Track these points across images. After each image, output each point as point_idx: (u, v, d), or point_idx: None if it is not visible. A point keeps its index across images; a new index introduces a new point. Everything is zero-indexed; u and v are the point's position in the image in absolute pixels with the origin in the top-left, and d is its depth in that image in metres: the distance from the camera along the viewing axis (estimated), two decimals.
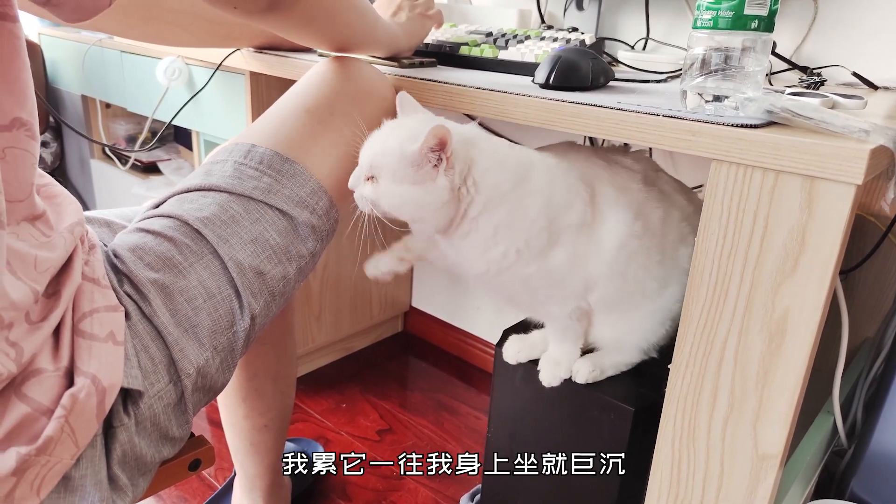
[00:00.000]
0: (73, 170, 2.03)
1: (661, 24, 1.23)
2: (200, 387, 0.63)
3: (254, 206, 0.68)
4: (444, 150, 0.65)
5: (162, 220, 0.65)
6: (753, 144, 0.56)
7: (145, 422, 0.57)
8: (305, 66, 0.96)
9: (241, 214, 0.67)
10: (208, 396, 0.65)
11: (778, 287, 0.59)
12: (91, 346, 0.53)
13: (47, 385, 0.50)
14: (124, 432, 0.55)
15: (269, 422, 0.99)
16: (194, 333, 0.61)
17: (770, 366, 0.61)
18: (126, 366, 0.55)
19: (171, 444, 0.62)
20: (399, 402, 1.52)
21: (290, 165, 0.71)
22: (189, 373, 0.60)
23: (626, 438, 0.81)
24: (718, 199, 0.60)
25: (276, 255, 0.68)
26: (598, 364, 0.84)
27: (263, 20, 0.68)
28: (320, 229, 0.72)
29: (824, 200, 0.54)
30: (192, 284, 0.62)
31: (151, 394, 0.58)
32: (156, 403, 0.58)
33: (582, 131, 0.68)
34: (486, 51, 0.94)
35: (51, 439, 0.48)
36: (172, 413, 0.60)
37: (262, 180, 0.69)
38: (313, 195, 0.71)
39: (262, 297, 0.67)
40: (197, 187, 0.68)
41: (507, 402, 0.95)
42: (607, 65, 0.81)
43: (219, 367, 0.64)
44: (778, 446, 0.63)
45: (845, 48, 1.06)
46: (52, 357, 0.51)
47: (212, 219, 0.65)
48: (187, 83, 1.31)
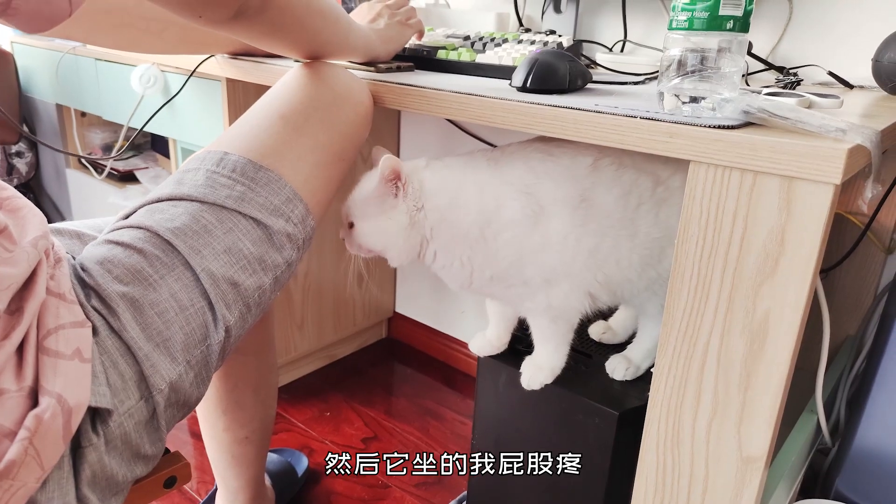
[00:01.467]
0: (48, 179, 1.99)
1: (639, 26, 1.23)
2: (174, 402, 0.61)
3: (227, 215, 0.66)
4: (398, 179, 0.73)
5: (131, 232, 0.63)
6: (730, 145, 0.56)
7: (115, 440, 0.56)
8: (281, 72, 0.95)
9: (214, 224, 0.65)
10: (183, 411, 0.64)
11: (758, 288, 0.59)
12: (56, 363, 0.51)
13: (10, 406, 0.48)
14: (93, 452, 0.54)
15: (251, 433, 0.97)
16: (166, 348, 0.60)
17: (753, 367, 0.61)
18: (94, 383, 0.53)
19: (144, 462, 0.60)
20: (384, 409, 1.51)
21: (264, 173, 0.69)
22: (161, 388, 0.59)
23: (612, 442, 0.80)
24: (697, 200, 0.60)
25: (251, 265, 0.66)
26: (630, 360, 0.86)
27: (230, 29, 0.67)
28: (296, 237, 0.71)
29: (803, 201, 0.54)
30: (163, 297, 0.60)
31: (121, 411, 0.56)
32: (126, 421, 0.56)
33: (560, 134, 0.68)
34: (464, 54, 0.93)
35: (13, 462, 0.46)
36: (144, 430, 0.58)
37: (235, 189, 0.67)
38: (288, 203, 0.70)
39: (237, 308, 0.65)
40: (168, 197, 0.66)
41: (491, 407, 0.94)
42: (585, 67, 0.80)
43: (193, 382, 0.62)
44: (763, 448, 0.62)
45: (821, 48, 1.06)
46: (14, 376, 0.49)
47: (183, 229, 0.63)
48: (163, 90, 1.29)
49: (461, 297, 1.66)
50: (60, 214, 1.99)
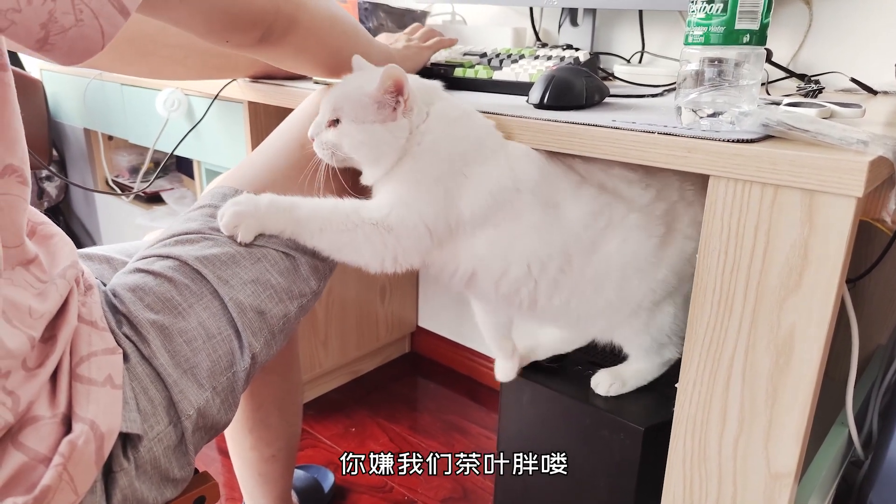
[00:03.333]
0: (77, 202, 2.04)
1: (657, 37, 1.23)
2: (201, 426, 0.62)
3: (255, 246, 0.68)
4: (401, 93, 0.67)
5: (162, 261, 0.65)
6: (750, 159, 0.56)
7: (146, 465, 0.57)
8: (301, 95, 0.97)
9: (242, 254, 0.67)
10: (210, 434, 0.65)
11: (783, 302, 0.58)
12: (89, 390, 0.52)
13: (45, 432, 0.49)
14: (124, 477, 0.55)
15: (277, 452, 0.98)
16: (193, 374, 0.61)
17: (779, 382, 0.60)
18: (124, 409, 0.55)
19: (173, 486, 0.61)
20: (409, 425, 1.51)
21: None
22: (189, 414, 0.60)
23: (638, 459, 0.79)
24: (718, 215, 0.59)
25: (277, 294, 0.68)
26: (618, 376, 0.84)
27: (256, 52, 0.69)
28: (322, 269, 0.73)
29: (825, 214, 0.54)
30: (192, 325, 0.62)
31: (151, 436, 0.57)
32: (156, 446, 0.58)
33: (578, 151, 0.68)
34: (481, 72, 0.94)
35: (49, 488, 0.47)
36: (173, 455, 0.59)
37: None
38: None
39: (263, 335, 0.67)
40: (197, 230, 0.69)
41: (514, 424, 0.94)
42: (601, 82, 0.80)
43: (220, 408, 0.64)
44: (791, 465, 0.61)
45: (842, 54, 1.05)
46: (49, 403, 0.50)
47: (212, 259, 0.65)
48: (187, 114, 1.31)
49: None
50: (89, 236, 2.03)
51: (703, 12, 0.60)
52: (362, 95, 0.68)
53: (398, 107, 0.67)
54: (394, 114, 0.68)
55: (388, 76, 0.66)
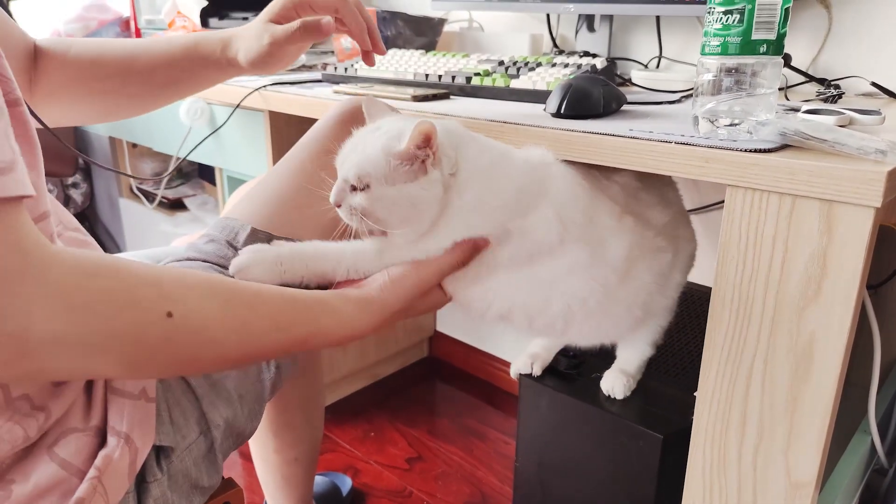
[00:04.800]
0: (103, 209, 2.08)
1: (674, 42, 1.22)
2: (229, 435, 0.64)
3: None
4: (430, 146, 0.62)
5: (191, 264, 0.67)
6: (768, 169, 0.56)
7: (177, 475, 0.58)
8: (320, 104, 0.98)
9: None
10: (238, 443, 0.66)
11: (802, 311, 0.58)
12: (124, 403, 0.53)
13: (80, 445, 0.50)
14: (157, 487, 0.56)
15: (300, 454, 1.00)
16: (223, 386, 0.62)
17: (799, 391, 0.60)
18: (158, 422, 0.56)
19: (201, 494, 0.62)
20: (427, 429, 1.52)
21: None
22: (218, 424, 0.61)
23: (657, 466, 0.79)
24: (736, 224, 0.60)
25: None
26: (627, 373, 0.85)
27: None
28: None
29: (843, 224, 0.54)
30: None
31: (182, 447, 0.58)
32: (187, 457, 0.59)
33: (596, 160, 0.68)
34: (498, 80, 0.95)
35: (82, 500, 0.49)
36: (203, 464, 0.61)
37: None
38: None
39: None
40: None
41: (533, 430, 0.94)
42: (618, 90, 0.81)
43: (247, 417, 0.65)
44: (811, 474, 0.61)
45: (863, 57, 1.04)
46: (83, 416, 0.52)
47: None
48: (209, 122, 1.34)
49: None
50: (114, 242, 2.07)
51: (720, 23, 0.60)
52: (390, 156, 0.62)
53: (427, 160, 0.62)
54: (423, 167, 0.62)
55: (420, 133, 0.60)
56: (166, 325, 0.44)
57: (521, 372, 0.92)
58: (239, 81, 1.19)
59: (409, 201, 0.63)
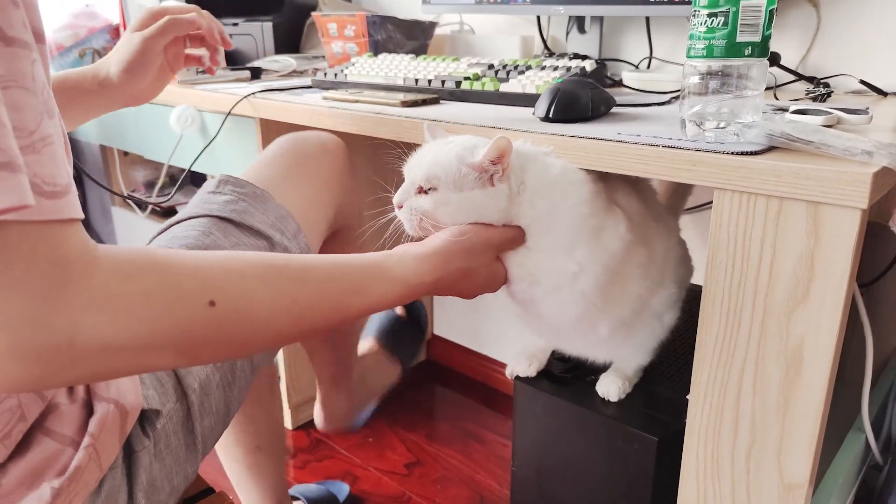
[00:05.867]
0: (95, 217, 2.07)
1: (664, 42, 1.23)
2: (206, 407, 0.64)
3: (232, 229, 0.71)
4: (501, 162, 0.65)
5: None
6: (755, 172, 0.56)
7: (161, 443, 0.60)
8: (307, 111, 0.98)
9: (220, 239, 0.69)
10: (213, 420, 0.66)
11: (791, 314, 0.58)
12: None
13: (68, 417, 0.52)
14: (146, 455, 0.58)
15: (261, 442, 1.01)
16: None
17: (790, 393, 0.60)
18: (142, 388, 0.58)
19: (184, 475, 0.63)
20: (426, 434, 1.51)
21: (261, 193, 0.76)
22: (194, 388, 0.62)
23: (653, 469, 0.79)
24: (724, 227, 0.60)
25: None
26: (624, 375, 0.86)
27: None
28: (291, 250, 0.75)
29: (830, 226, 0.54)
30: None
31: (164, 413, 0.60)
32: (168, 423, 0.60)
33: (584, 164, 0.68)
34: (488, 84, 0.94)
35: (79, 468, 0.50)
36: (182, 432, 0.62)
37: (238, 204, 0.74)
38: (282, 220, 0.75)
39: None
40: (179, 219, 0.73)
41: (529, 434, 0.94)
42: (607, 93, 0.81)
43: (219, 384, 0.65)
44: (804, 475, 0.61)
45: (851, 56, 1.04)
46: (66, 392, 0.53)
47: (192, 246, 0.67)
48: (200, 129, 1.34)
49: (498, 318, 1.67)
50: None
51: (705, 26, 0.60)
52: (462, 165, 0.66)
53: (496, 174, 0.66)
54: (491, 180, 0.66)
55: (497, 148, 0.64)
56: (211, 315, 0.45)
57: (518, 373, 0.92)
58: (228, 89, 1.19)
59: (474, 208, 0.66)
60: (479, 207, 0.66)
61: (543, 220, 0.68)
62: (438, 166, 0.66)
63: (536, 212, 0.67)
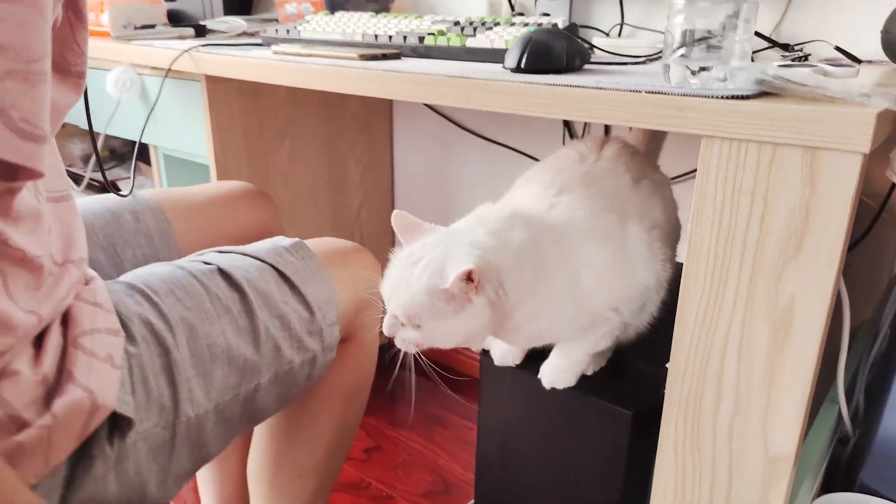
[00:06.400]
0: None
1: (637, 8, 1.18)
2: (192, 439, 0.59)
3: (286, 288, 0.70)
4: (472, 282, 0.65)
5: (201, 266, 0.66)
6: (747, 116, 0.51)
7: (126, 462, 0.53)
8: (265, 66, 0.90)
9: (274, 290, 0.69)
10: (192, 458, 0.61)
11: (781, 271, 0.54)
12: (91, 361, 0.51)
13: (23, 388, 0.46)
14: (102, 465, 0.51)
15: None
16: (206, 380, 0.60)
17: (777, 359, 0.56)
18: (121, 391, 0.52)
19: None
20: (386, 418, 1.45)
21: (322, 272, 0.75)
22: (189, 415, 0.58)
23: (626, 445, 0.75)
24: (711, 179, 0.55)
25: (293, 339, 0.69)
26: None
27: None
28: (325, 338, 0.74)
29: (828, 173, 0.49)
30: (216, 332, 0.62)
31: (139, 430, 0.54)
32: (141, 443, 0.54)
33: (562, 115, 0.63)
34: (453, 39, 0.88)
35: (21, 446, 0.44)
36: (154, 461, 0.56)
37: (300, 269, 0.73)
38: (329, 303, 0.74)
39: (271, 371, 0.67)
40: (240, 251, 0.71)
41: (496, 412, 0.89)
42: (582, 45, 0.76)
43: (213, 427, 0.61)
44: (790, 446, 0.58)
45: (826, 22, 1.02)
46: (31, 361, 0.47)
47: (253, 282, 0.67)
48: (140, 94, 1.24)
49: None
50: None
51: None
52: (434, 297, 0.65)
53: (470, 291, 0.65)
54: (467, 297, 0.65)
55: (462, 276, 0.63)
56: None
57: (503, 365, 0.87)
58: (167, 44, 1.10)
59: (462, 329, 0.68)
60: (466, 329, 0.67)
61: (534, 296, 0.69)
62: (413, 304, 0.66)
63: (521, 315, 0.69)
